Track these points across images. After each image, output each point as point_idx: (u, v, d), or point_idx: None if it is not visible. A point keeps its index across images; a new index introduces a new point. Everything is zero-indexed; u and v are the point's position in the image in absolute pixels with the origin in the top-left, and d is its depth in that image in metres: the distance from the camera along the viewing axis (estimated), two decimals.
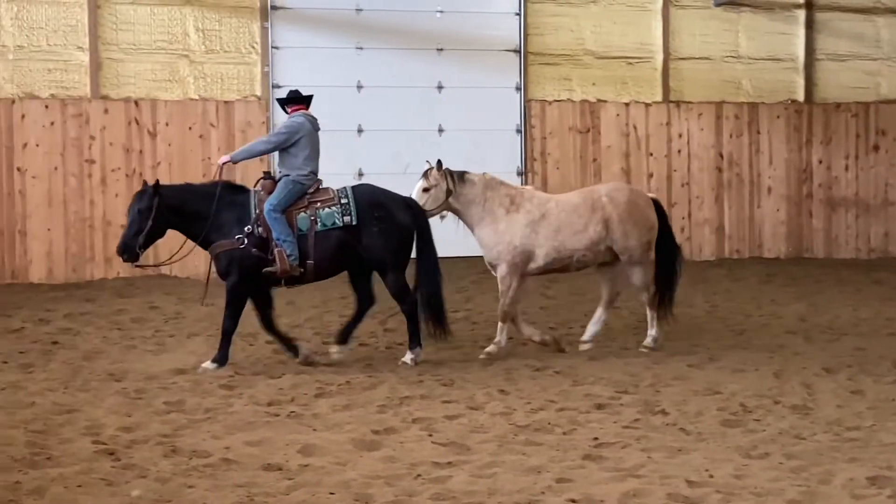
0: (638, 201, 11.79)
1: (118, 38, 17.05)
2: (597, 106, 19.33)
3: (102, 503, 6.52)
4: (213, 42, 17.53)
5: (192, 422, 8.60)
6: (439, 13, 18.69)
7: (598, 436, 8.11)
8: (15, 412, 8.83)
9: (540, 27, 19.05)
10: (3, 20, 16.54)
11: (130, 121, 17.01)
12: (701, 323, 13.43)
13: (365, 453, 7.72)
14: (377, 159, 18.38)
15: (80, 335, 12.53)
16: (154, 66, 17.25)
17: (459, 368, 10.74)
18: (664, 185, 19.54)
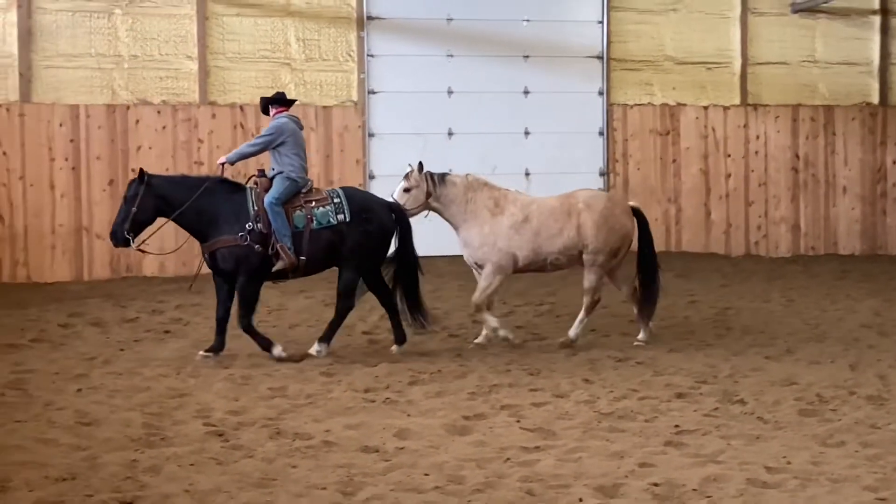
0: (614, 209, 11.54)
1: (224, 47, 17.28)
2: (676, 109, 19.16)
3: (213, 481, 6.60)
4: (312, 51, 17.69)
5: (294, 406, 8.68)
6: (526, 22, 18.66)
7: (678, 423, 8.05)
8: (132, 396, 9.00)
9: (622, 34, 18.93)
10: (119, 31, 16.85)
11: (236, 125, 17.24)
12: (778, 317, 13.25)
13: (456, 437, 7.74)
14: (466, 161, 18.31)
15: (189, 325, 12.74)
16: (258, 74, 17.45)
17: (545, 359, 10.72)
18: (741, 185, 19.32)
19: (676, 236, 19.11)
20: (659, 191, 19.06)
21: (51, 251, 16.37)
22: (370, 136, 17.99)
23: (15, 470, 6.68)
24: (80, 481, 6.50)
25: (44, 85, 16.56)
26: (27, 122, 16.43)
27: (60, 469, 6.72)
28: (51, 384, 9.42)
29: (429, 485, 6.55)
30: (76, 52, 16.69)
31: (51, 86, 16.58)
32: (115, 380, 9.66)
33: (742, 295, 15.08)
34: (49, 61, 16.58)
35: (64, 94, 16.62)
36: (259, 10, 17.44)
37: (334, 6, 17.74)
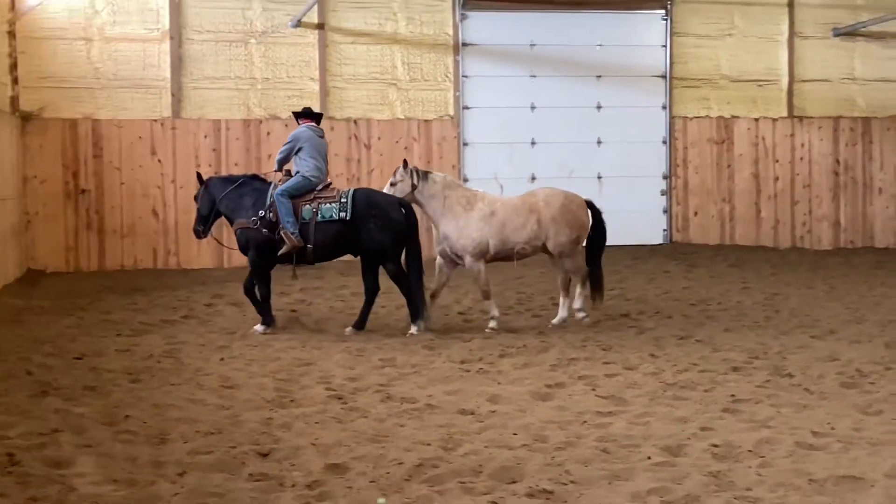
0: (570, 205, 11.24)
1: (341, 70, 17.43)
2: (731, 121, 18.87)
3: (334, 436, 6.67)
4: (415, 72, 17.75)
5: (401, 374, 8.73)
6: (599, 46, 18.51)
7: (734, 393, 7.93)
8: (265, 364, 9.13)
9: (683, 56, 18.69)
10: (254, 58, 17.09)
11: (350, 136, 17.39)
12: (821, 302, 12.98)
13: (540, 403, 7.72)
14: (547, 166, 18.35)
15: (312, 305, 12.87)
16: (369, 93, 17.57)
17: (616, 336, 10.63)
18: (788, 187, 18.98)
19: (730, 231, 18.84)
20: (715, 192, 18.81)
21: (196, 243, 16.63)
22: (464, 146, 18.01)
23: (172, 425, 6.82)
24: (225, 435, 6.62)
25: (191, 103, 16.87)
26: (178, 134, 16.76)
27: (208, 425, 6.85)
28: (198, 354, 9.59)
29: (517, 443, 6.54)
30: (218, 76, 16.97)
31: (197, 104, 16.89)
32: (251, 350, 9.79)
33: (789, 282, 14.80)
34: (196, 83, 16.89)
35: (208, 110, 16.92)
36: (371, 38, 17.56)
37: (434, 35, 17.79)
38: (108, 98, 16.61)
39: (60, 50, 16.44)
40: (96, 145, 16.51)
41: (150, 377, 8.45)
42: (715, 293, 13.75)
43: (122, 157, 16.59)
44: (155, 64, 16.74)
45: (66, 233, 16.45)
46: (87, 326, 11.08)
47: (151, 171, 16.67)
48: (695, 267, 16.43)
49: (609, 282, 14.63)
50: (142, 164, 16.63)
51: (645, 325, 11.28)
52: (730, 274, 15.74)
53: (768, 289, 14.16)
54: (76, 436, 6.49)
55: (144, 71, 16.71)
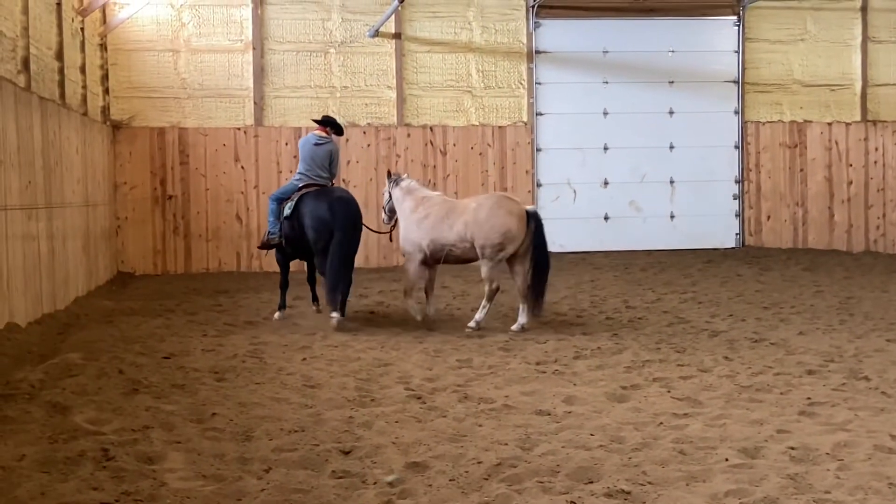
0: (499, 211, 10.79)
1: (417, 78, 17.49)
2: (803, 126, 18.51)
3: (413, 435, 6.66)
4: (489, 80, 17.74)
5: (478, 375, 8.68)
6: (671, 53, 18.31)
7: (810, 396, 7.74)
8: (346, 364, 9.15)
9: (755, 62, 18.40)
10: (333, 67, 17.23)
11: (427, 143, 17.43)
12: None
13: (616, 404, 7.62)
14: (619, 171, 18.21)
15: (391, 307, 12.90)
16: (444, 100, 17.60)
17: (690, 339, 10.47)
18: (861, 191, 18.55)
19: (803, 235, 18.48)
20: (788, 196, 18.47)
21: None
22: (538, 151, 17.94)
23: (256, 422, 6.88)
24: (308, 433, 6.65)
25: (273, 111, 17.07)
26: (260, 141, 16.96)
27: (292, 423, 6.89)
28: (281, 354, 9.66)
29: (594, 443, 6.47)
30: (298, 85, 17.15)
31: (278, 112, 17.08)
32: (332, 351, 9.84)
33: (863, 286, 14.45)
34: (277, 92, 17.09)
35: (289, 118, 17.10)
36: (446, 47, 17.59)
37: (508, 43, 17.75)
38: (193, 107, 16.89)
39: (149, 61, 16.76)
40: (183, 152, 16.79)
41: (235, 376, 8.53)
42: (788, 296, 13.48)
43: (207, 164, 16.84)
44: (238, 74, 16.97)
45: (154, 237, 16.76)
46: (175, 327, 11.24)
47: (235, 177, 16.90)
48: (767, 270, 16.13)
49: (681, 285, 14.53)
50: (226, 170, 16.87)
51: (718, 328, 11.09)
52: (803, 277, 15.41)
53: (842, 292, 13.84)
54: (166, 432, 6.58)
55: (228, 81, 16.96)
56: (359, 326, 11.22)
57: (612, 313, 12.25)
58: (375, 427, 6.83)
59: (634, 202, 18.33)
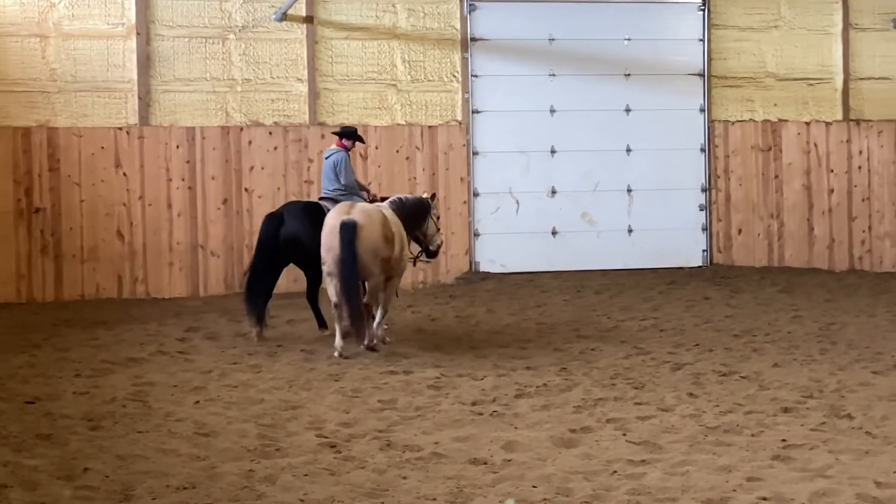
0: (326, 222, 11.73)
1: (333, 70, 17.47)
2: (778, 125, 18.86)
3: (327, 491, 6.65)
4: (417, 72, 17.79)
5: (403, 418, 8.71)
6: (627, 41, 18.54)
7: (785, 438, 7.90)
8: (247, 408, 9.11)
9: (723, 52, 18.72)
10: (233, 56, 17.15)
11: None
12: (884, 332, 12.93)
13: (563, 450, 7.69)
14: (569, 178, 18.35)
15: (301, 339, 12.85)
16: (365, 95, 17.60)
17: (649, 372, 10.61)
18: (844, 200, 18.92)
19: (779, 251, 18.78)
20: (761, 206, 18.76)
21: (168, 268, 16.68)
22: (474, 155, 18.02)
23: (138, 479, 6.80)
24: (200, 490, 6.59)
25: (161, 108, 16.92)
26: (146, 144, 16.79)
27: (181, 478, 6.83)
28: (170, 396, 9.58)
29: (537, 496, 6.51)
30: (192, 77, 17.03)
31: (168, 109, 16.94)
32: (230, 392, 9.78)
33: (846, 310, 14.76)
34: (166, 86, 16.94)
35: (180, 116, 16.96)
36: (366, 33, 17.61)
37: (439, 28, 17.85)
38: (66, 103, 16.67)
39: (11, 48, 16.50)
40: (52, 157, 16.54)
41: (112, 424, 8.43)
42: (762, 322, 13.71)
43: (81, 171, 16.62)
44: (119, 64, 16.79)
45: (17, 258, 16.46)
46: (42, 365, 11.06)
47: (116, 186, 16.69)
48: (739, 292, 16.39)
49: (641, 310, 14.72)
50: (104, 178, 16.66)
51: (682, 360, 11.24)
52: (779, 300, 15.68)
53: (823, 317, 14.12)
54: (28, 492, 6.47)
55: (108, 72, 16.77)
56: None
57: (560, 344, 12.34)
58: (280, 482, 6.81)
59: (587, 214, 18.49)
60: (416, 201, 12.73)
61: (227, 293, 16.59)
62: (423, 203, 12.79)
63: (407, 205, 12.48)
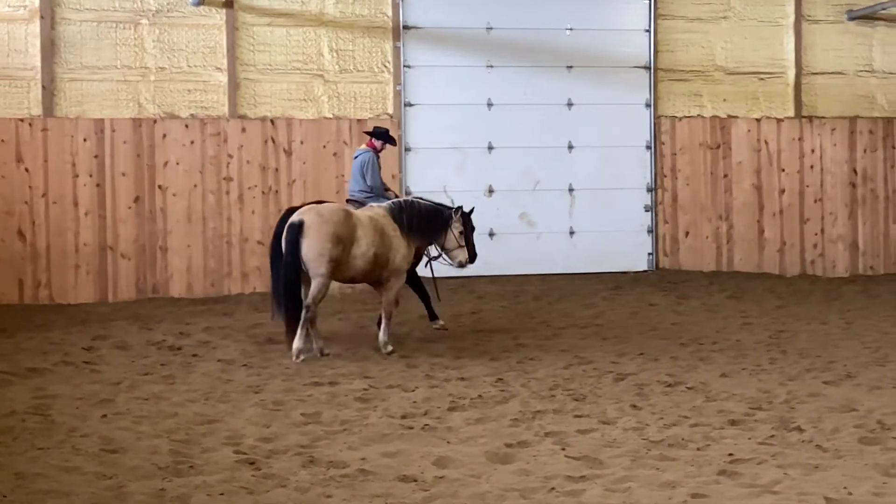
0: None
1: (255, 58, 17.39)
2: (727, 122, 19.10)
3: None
4: (346, 62, 17.77)
5: (328, 433, 8.69)
6: (569, 31, 18.67)
7: (732, 452, 7.99)
8: (159, 422, 9.03)
9: (670, 44, 18.91)
10: (146, 43, 17.00)
11: (267, 139, 17.33)
12: (836, 340, 13.14)
13: (499, 466, 7.71)
14: (507, 176, 18.43)
15: (218, 348, 12.77)
16: (289, 86, 17.55)
17: (591, 383, 10.68)
18: (796, 201, 19.22)
19: (728, 255, 19.01)
20: (709, 207, 18.99)
21: (74, 271, 16.49)
22: (406, 151, 18.04)
23: (38, 499, 6.72)
24: None
25: (67, 98, 16.72)
26: (50, 136, 16.59)
27: (85, 499, 6.76)
28: (74, 410, 9.47)
29: None
30: (101, 65, 16.85)
31: (74, 99, 16.74)
32: (141, 405, 9.69)
33: (798, 317, 14.98)
34: (73, 74, 16.75)
35: (88, 107, 16.78)
36: (291, 19, 17.56)
37: (369, 15, 17.84)
38: None
39: None
40: None
41: (11, 440, 8.32)
42: (710, 330, 13.87)
43: None
44: (21, 49, 16.58)
45: None
46: None
47: (17, 182, 16.47)
48: (686, 298, 16.56)
49: (583, 317, 14.82)
50: (4, 173, 16.43)
51: (626, 370, 11.33)
52: (727, 307, 15.88)
53: (773, 325, 14.31)
54: None
55: (8, 58, 16.54)
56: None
57: (497, 353, 12.39)
58: (194, 502, 6.77)
59: (526, 215, 18.59)
60: (430, 209, 12.81)
61: (138, 298, 16.45)
62: (440, 212, 12.87)
63: (415, 211, 12.65)
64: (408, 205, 12.69)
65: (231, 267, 17.05)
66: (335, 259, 11.89)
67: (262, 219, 17.07)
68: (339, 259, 11.93)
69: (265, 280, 16.77)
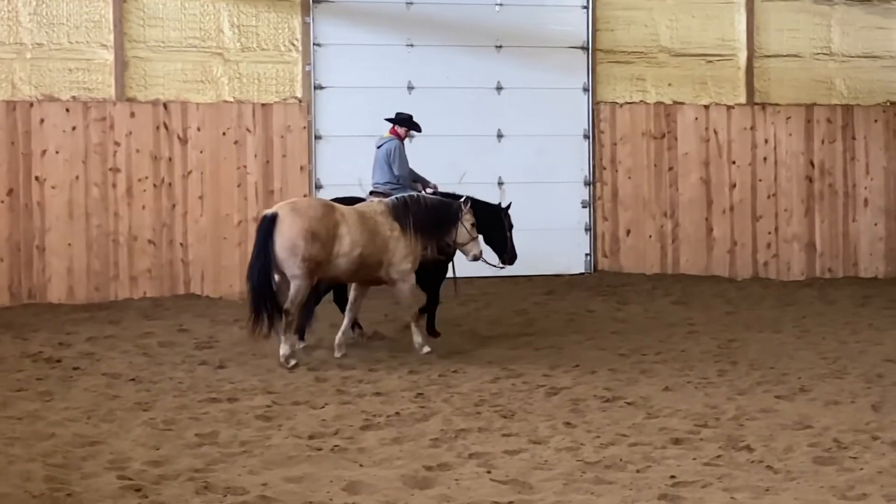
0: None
1: (146, 34, 17.23)
2: (673, 109, 19.25)
3: None
4: (249, 39, 17.66)
5: (226, 455, 8.64)
6: (498, 6, 18.71)
7: (675, 474, 8.06)
8: (33, 444, 8.91)
9: (610, 21, 19.02)
10: (21, 16, 16.77)
11: (159, 125, 17.17)
12: (790, 350, 13.32)
13: (416, 491, 7.71)
14: (430, 168, 18.19)
15: (103, 360, 12.65)
16: (185, 66, 17.40)
17: (521, 399, 10.71)
18: (748, 196, 19.41)
19: (673, 256, 19.16)
20: (653, 203, 19.12)
21: None
22: (317, 139, 17.99)
23: None
24: None
25: None
26: None
27: None
28: None
29: None
30: None
31: None
32: (13, 425, 9.56)
33: (749, 324, 15.15)
34: None
35: None
36: None
37: None
38: None
39: None
40: None
41: None
42: (653, 339, 13.97)
43: None
44: None
45: None
46: None
47: None
48: (627, 304, 16.68)
49: (513, 325, 14.88)
50: None
51: (560, 384, 11.39)
52: (672, 313, 16.01)
53: (722, 333, 14.46)
54: None
55: None
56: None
57: (416, 365, 12.39)
58: None
59: None
60: (437, 204, 13.23)
61: (11, 304, 16.22)
62: (447, 207, 13.23)
63: (421, 206, 13.00)
64: (413, 200, 13.01)
65: (118, 269, 16.86)
66: (311, 258, 12.11)
67: (153, 215, 16.92)
68: (315, 258, 12.14)
69: (156, 283, 16.69)
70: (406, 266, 12.82)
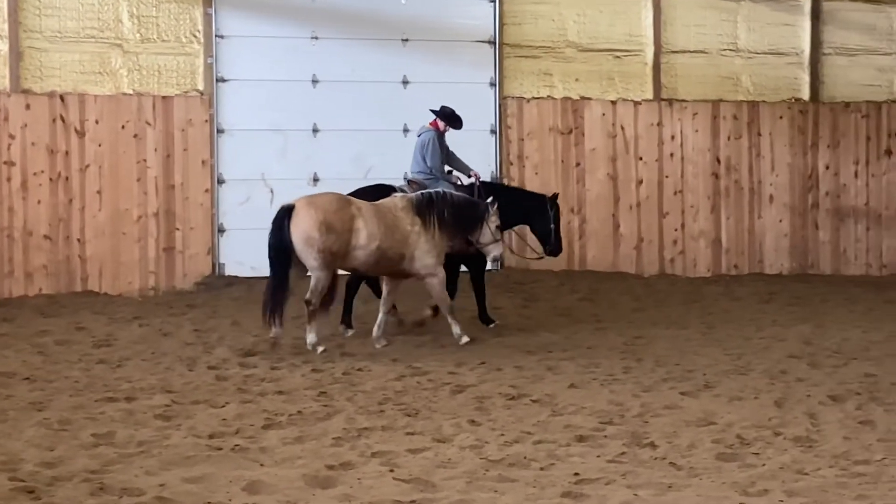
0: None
1: (42, 24, 17.00)
2: (580, 104, 19.38)
3: None
4: (149, 30, 17.50)
5: (122, 456, 8.54)
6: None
7: (579, 471, 8.11)
8: None
9: (517, 16, 19.10)
10: None
11: (55, 118, 16.96)
12: (695, 346, 13.48)
13: (318, 491, 7.69)
14: (335, 163, 18.36)
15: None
16: (82, 57, 17.20)
17: (425, 397, 10.73)
18: (655, 193, 19.60)
19: (580, 252, 19.29)
20: (560, 199, 19.18)
21: None
22: (219, 133, 17.88)
23: None
24: None
25: None
26: None
27: None
28: None
29: None
30: None
31: None
32: None
33: (655, 321, 15.32)
34: None
35: None
36: None
37: None
38: None
39: None
40: None
41: None
42: (560, 336, 14.08)
43: None
44: None
45: None
46: None
47: None
48: (533, 301, 16.78)
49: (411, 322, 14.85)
50: None
51: (464, 381, 11.43)
52: (579, 310, 16.14)
53: (629, 330, 14.59)
54: None
55: None
56: None
57: (320, 363, 12.38)
58: None
59: None
60: (462, 202, 13.57)
61: None
62: (473, 206, 13.57)
63: (447, 203, 13.32)
64: (439, 197, 13.31)
65: (13, 265, 16.62)
66: (327, 249, 12.71)
67: (49, 209, 16.71)
68: (332, 249, 12.73)
69: (52, 280, 16.49)
70: (429, 261, 13.26)
